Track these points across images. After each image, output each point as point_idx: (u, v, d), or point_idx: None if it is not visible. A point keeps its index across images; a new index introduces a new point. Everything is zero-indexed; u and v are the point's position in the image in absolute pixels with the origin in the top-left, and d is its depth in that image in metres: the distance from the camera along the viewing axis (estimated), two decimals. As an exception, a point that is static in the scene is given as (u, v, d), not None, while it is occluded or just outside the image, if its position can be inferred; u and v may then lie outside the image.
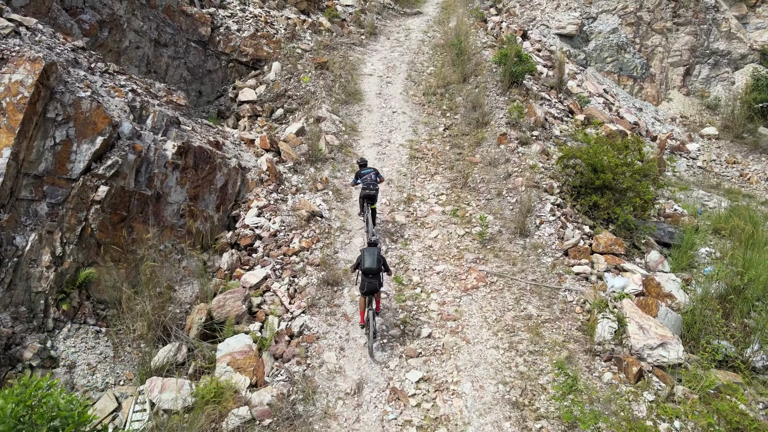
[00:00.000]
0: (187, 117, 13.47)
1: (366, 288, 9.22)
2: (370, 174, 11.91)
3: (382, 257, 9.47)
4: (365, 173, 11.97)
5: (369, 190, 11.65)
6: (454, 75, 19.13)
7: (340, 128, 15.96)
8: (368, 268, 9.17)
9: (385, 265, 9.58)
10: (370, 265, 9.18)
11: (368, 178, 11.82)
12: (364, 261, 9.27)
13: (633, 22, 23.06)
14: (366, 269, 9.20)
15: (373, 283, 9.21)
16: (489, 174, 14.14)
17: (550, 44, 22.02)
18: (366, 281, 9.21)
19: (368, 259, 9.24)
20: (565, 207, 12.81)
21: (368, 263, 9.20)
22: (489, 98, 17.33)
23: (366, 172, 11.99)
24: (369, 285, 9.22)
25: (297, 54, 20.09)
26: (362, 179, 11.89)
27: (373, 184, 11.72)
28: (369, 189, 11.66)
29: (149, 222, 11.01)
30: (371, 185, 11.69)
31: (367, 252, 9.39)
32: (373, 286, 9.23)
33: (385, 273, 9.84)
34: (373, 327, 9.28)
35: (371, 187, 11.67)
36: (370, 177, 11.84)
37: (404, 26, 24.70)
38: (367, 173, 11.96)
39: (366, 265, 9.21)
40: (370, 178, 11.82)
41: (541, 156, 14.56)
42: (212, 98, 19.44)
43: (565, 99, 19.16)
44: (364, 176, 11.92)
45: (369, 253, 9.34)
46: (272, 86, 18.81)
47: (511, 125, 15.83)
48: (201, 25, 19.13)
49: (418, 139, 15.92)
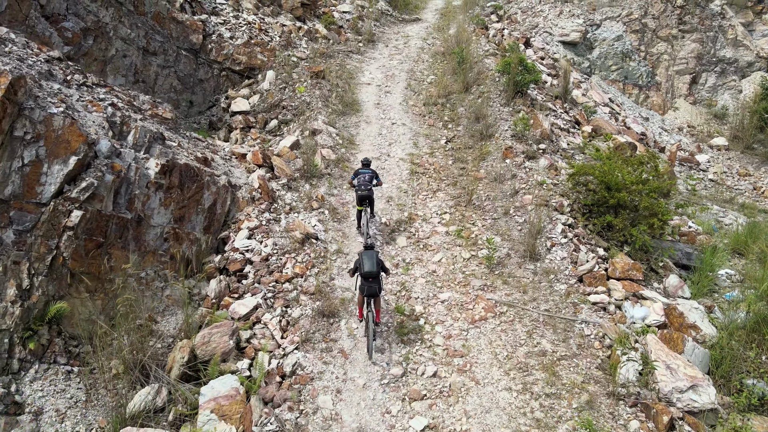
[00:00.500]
0: (173, 131, 12.50)
1: (366, 291, 8.99)
2: (365, 175, 11.59)
3: (380, 260, 9.23)
4: (362, 173, 11.65)
5: (361, 191, 11.34)
6: (455, 84, 18.22)
7: (337, 141, 15.01)
8: (368, 272, 8.91)
9: (384, 267, 9.38)
10: (369, 268, 8.91)
11: (362, 178, 11.52)
12: (363, 265, 8.98)
13: (638, 29, 22.22)
14: (366, 273, 8.93)
15: (373, 287, 8.96)
16: (495, 191, 13.20)
17: (553, 52, 21.15)
18: (366, 285, 8.98)
19: (367, 263, 8.96)
20: (576, 227, 11.87)
21: (368, 267, 8.93)
22: (492, 109, 16.41)
23: (363, 172, 11.66)
24: (369, 289, 8.96)
25: (292, 62, 19.15)
26: (357, 179, 11.58)
27: (365, 185, 11.39)
28: (361, 189, 11.35)
29: (129, 248, 10.02)
30: (363, 186, 11.37)
31: (365, 255, 9.09)
32: (373, 289, 8.98)
33: (384, 274, 9.61)
34: (372, 330, 8.99)
35: (363, 187, 11.35)
36: (364, 178, 11.53)
37: (403, 33, 23.79)
38: (363, 173, 11.63)
39: (365, 269, 8.93)
40: (364, 178, 11.51)
41: (549, 171, 13.64)
42: (204, 108, 18.49)
43: (570, 109, 18.27)
44: (359, 176, 11.61)
45: (368, 256, 9.06)
46: (266, 96, 17.86)
47: (516, 138, 14.90)
48: (192, 33, 18.19)
49: (419, 153, 14.98)
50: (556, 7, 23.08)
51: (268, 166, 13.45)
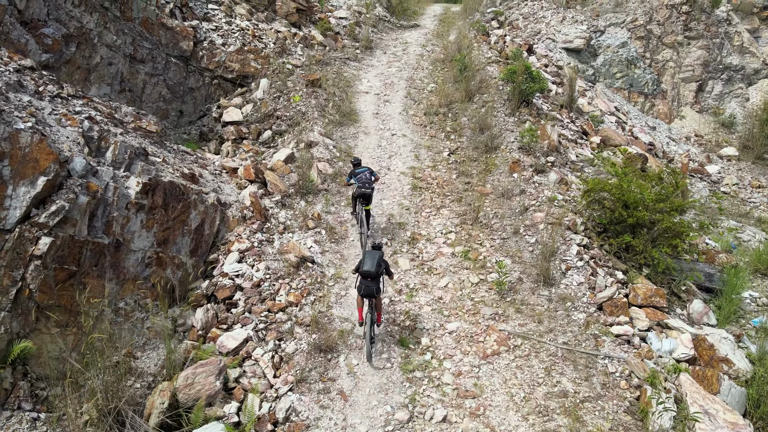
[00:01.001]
0: (158, 145, 11.50)
1: (363, 291, 8.68)
2: (365, 173, 11.20)
3: (384, 261, 8.92)
4: (360, 172, 11.25)
5: (365, 189, 10.91)
6: (457, 93, 17.31)
7: (334, 154, 14.04)
8: (366, 270, 8.64)
9: (387, 269, 9.06)
10: (368, 268, 8.64)
11: (363, 176, 11.11)
12: (364, 263, 8.73)
13: (643, 36, 21.39)
14: (364, 272, 8.66)
15: (370, 287, 8.63)
16: (502, 207, 12.25)
17: (557, 59, 20.29)
18: (363, 284, 8.67)
19: (368, 262, 8.70)
20: (592, 248, 10.94)
21: (367, 266, 8.66)
22: (497, 119, 15.50)
23: (360, 171, 11.27)
24: (366, 288, 8.64)
25: (287, 70, 18.19)
26: (356, 178, 11.15)
27: (368, 182, 11.02)
28: (365, 187, 10.92)
29: (106, 276, 9.01)
30: (366, 184, 10.97)
31: (368, 255, 8.84)
32: (370, 290, 8.64)
33: (387, 277, 9.29)
34: (371, 333, 8.71)
35: (367, 185, 10.95)
36: (365, 176, 11.13)
37: (401, 40, 22.89)
38: (361, 172, 11.24)
39: (364, 268, 8.66)
40: (365, 176, 11.11)
41: (560, 186, 12.71)
42: (194, 118, 17.49)
43: (576, 118, 17.38)
44: (358, 175, 11.18)
45: (370, 256, 8.81)
46: (260, 105, 16.89)
47: (523, 150, 13.98)
48: (182, 39, 17.22)
49: (421, 166, 14.03)
50: (558, 13, 22.23)
51: (260, 181, 12.47)
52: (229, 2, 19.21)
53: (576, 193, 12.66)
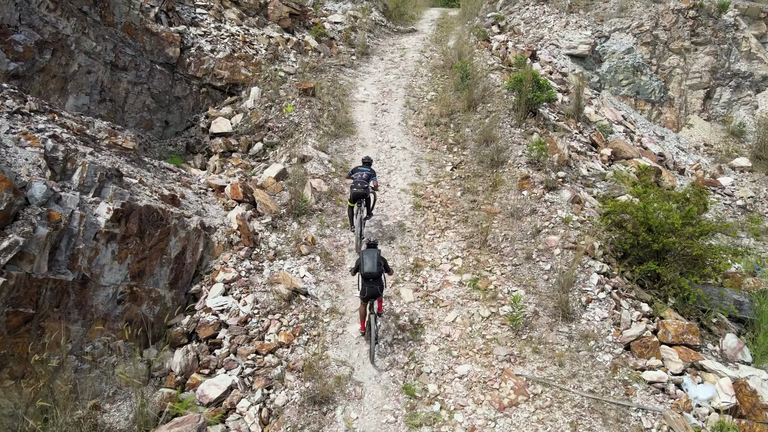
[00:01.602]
0: (136, 163, 10.33)
1: (367, 293, 8.30)
2: (363, 173, 10.65)
3: (382, 258, 8.58)
4: (360, 170, 10.72)
5: (357, 188, 10.43)
6: (458, 102, 16.20)
7: (329, 170, 12.89)
8: (368, 272, 8.27)
9: (386, 266, 8.69)
10: (370, 269, 8.28)
11: (359, 176, 10.58)
12: (364, 264, 8.34)
13: (649, 42, 20.39)
14: (366, 273, 8.28)
15: (375, 288, 8.31)
16: (513, 229, 11.15)
17: (561, 66, 19.25)
18: (367, 286, 8.31)
19: (368, 263, 8.32)
20: (613, 275, 9.85)
21: (368, 267, 8.29)
22: (502, 130, 14.40)
23: (361, 170, 10.74)
24: (370, 290, 8.29)
25: (279, 77, 17.04)
26: (354, 176, 10.70)
27: (361, 182, 10.47)
28: (356, 187, 10.43)
29: (70, 317, 7.83)
30: (359, 183, 10.46)
31: (366, 254, 8.43)
32: (375, 290, 8.32)
33: (387, 274, 8.88)
34: (375, 331, 8.32)
35: (358, 185, 10.44)
36: (361, 175, 10.59)
37: (399, 45, 21.78)
38: (361, 171, 10.71)
39: (366, 269, 8.29)
40: (361, 176, 10.58)
41: (573, 206, 11.63)
42: (181, 128, 16.30)
43: (584, 128, 16.32)
44: (356, 173, 10.71)
45: (369, 255, 8.40)
46: (250, 115, 15.73)
47: (532, 165, 12.89)
48: (168, 45, 16.03)
49: (423, 183, 12.90)
50: (561, 17, 21.20)
51: (249, 201, 11.31)
52: (218, 6, 18.04)
53: (591, 213, 11.58)
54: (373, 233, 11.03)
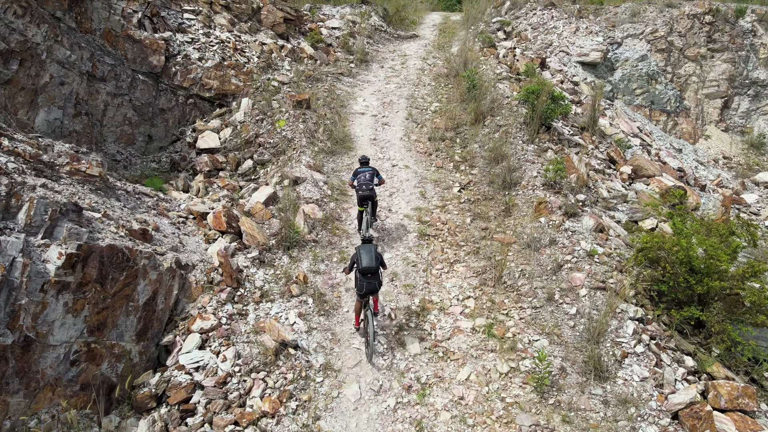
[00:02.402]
0: (102, 192, 8.89)
1: (365, 289, 7.90)
2: (365, 173, 10.13)
3: (378, 253, 8.08)
4: (362, 172, 10.18)
5: (362, 191, 9.96)
6: (465, 114, 14.80)
7: (325, 193, 11.47)
8: (367, 267, 7.84)
9: (382, 261, 8.19)
10: (368, 264, 7.85)
11: (363, 177, 10.08)
12: (362, 260, 7.90)
13: (663, 48, 19.01)
14: (365, 269, 7.85)
15: (373, 283, 7.91)
16: (530, 262, 9.74)
17: (572, 74, 17.86)
18: (365, 282, 7.89)
19: (366, 258, 7.89)
20: (648, 320, 8.45)
21: (366, 262, 7.86)
22: (514, 147, 13.00)
23: (363, 171, 10.21)
24: (368, 285, 7.88)
25: (272, 88, 15.62)
26: (357, 179, 10.14)
27: (366, 184, 10.01)
28: (362, 190, 9.97)
29: (9, 388, 6.41)
30: (364, 185, 9.99)
31: (363, 250, 7.99)
32: (373, 286, 7.91)
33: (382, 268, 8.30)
34: (372, 331, 7.86)
35: (364, 187, 9.97)
36: (365, 176, 10.09)
37: (399, 52, 20.37)
38: (363, 172, 10.18)
39: (364, 264, 7.86)
40: (365, 177, 10.08)
41: (597, 235, 10.22)
42: (166, 143, 14.88)
43: (600, 142, 14.91)
44: (359, 175, 10.14)
45: (366, 250, 7.96)
46: (240, 129, 14.31)
47: (548, 187, 11.48)
48: (152, 54, 14.61)
49: (428, 207, 11.49)
50: (570, 23, 19.79)
51: (234, 232, 9.88)
52: (207, 11, 16.62)
53: (617, 243, 10.18)
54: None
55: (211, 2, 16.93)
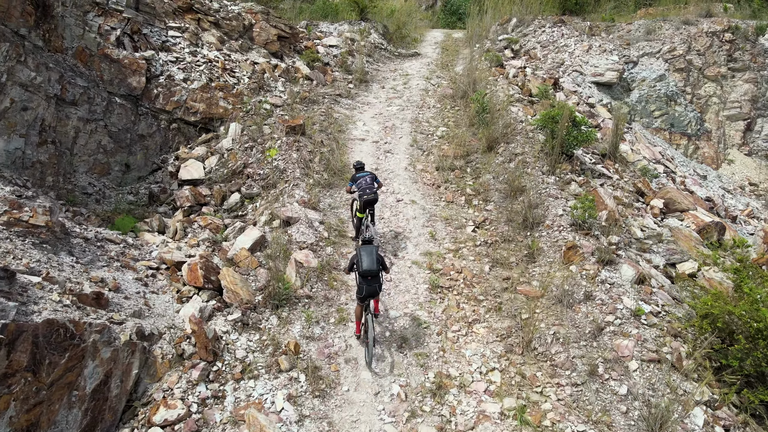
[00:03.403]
0: (50, 246, 7.21)
1: (365, 292, 7.34)
2: (366, 178, 9.56)
3: (380, 255, 7.56)
4: (361, 176, 9.59)
5: (367, 195, 9.32)
6: (475, 140, 13.23)
7: (321, 235, 9.82)
8: (367, 269, 7.27)
9: (383, 263, 7.66)
10: (369, 266, 7.28)
11: (364, 181, 9.50)
12: (362, 261, 7.32)
13: (683, 68, 17.58)
14: (365, 271, 7.29)
15: (374, 287, 7.35)
16: (564, 323, 8.07)
17: (587, 95, 16.38)
18: (365, 284, 7.33)
19: (367, 260, 7.33)
20: (718, 406, 6.77)
21: (367, 264, 7.28)
22: (532, 178, 11.41)
23: (362, 176, 9.63)
24: (369, 289, 7.33)
25: (264, 111, 14.06)
26: (357, 184, 9.54)
27: (370, 187, 9.43)
28: (366, 194, 9.34)
29: None
30: (368, 189, 9.38)
31: (364, 251, 7.43)
32: (374, 289, 7.36)
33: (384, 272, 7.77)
34: (372, 336, 7.26)
35: (368, 191, 9.36)
36: (366, 181, 9.51)
37: (401, 71, 18.86)
38: (362, 177, 9.60)
39: (365, 267, 7.29)
40: (366, 181, 9.50)
41: (640, 289, 8.58)
42: (145, 172, 13.22)
43: (623, 171, 13.34)
44: (359, 180, 9.54)
45: (366, 252, 7.41)
46: (227, 158, 12.70)
47: (577, 227, 9.86)
48: (132, 74, 13.03)
49: (439, 251, 9.83)
50: (582, 40, 18.36)
51: (212, 287, 8.19)
52: (194, 28, 15.07)
53: (663, 297, 8.54)
54: (377, 331, 7.94)
55: (198, 19, 15.40)
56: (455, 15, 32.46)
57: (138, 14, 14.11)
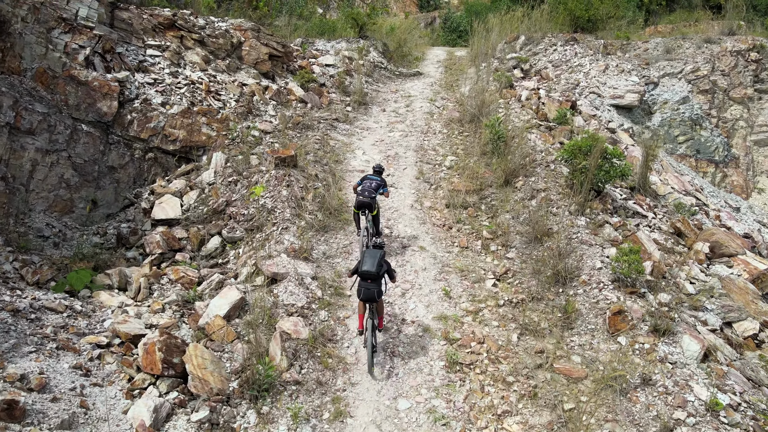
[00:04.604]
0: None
1: (362, 294, 6.82)
2: (372, 182, 8.90)
3: (386, 261, 7.02)
4: (370, 178, 8.99)
5: (363, 197, 8.70)
6: (489, 172, 11.51)
7: (314, 294, 8.00)
8: (366, 271, 6.76)
9: (389, 271, 7.12)
10: (368, 267, 6.76)
11: (368, 184, 8.85)
12: (363, 263, 6.84)
13: (707, 89, 16.01)
14: (363, 272, 6.78)
15: (371, 290, 6.79)
16: (619, 417, 6.25)
17: (607, 119, 14.76)
18: (363, 286, 6.83)
19: (368, 261, 6.82)
20: None
21: (367, 265, 6.78)
22: (558, 219, 9.66)
23: (371, 178, 8.99)
24: (366, 292, 6.79)
25: (252, 138, 12.34)
26: (362, 184, 8.92)
27: (369, 190, 8.76)
28: (363, 195, 8.71)
29: None
30: (366, 191, 8.73)
31: (368, 254, 6.95)
32: (371, 293, 6.79)
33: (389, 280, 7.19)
34: (372, 342, 6.80)
35: (366, 193, 8.72)
36: (369, 184, 8.85)
37: (403, 92, 17.19)
38: (371, 179, 8.95)
39: (364, 268, 6.78)
40: (370, 185, 8.84)
41: (709, 369, 6.79)
42: (116, 209, 11.44)
43: (655, 206, 11.60)
44: (365, 181, 8.93)
45: (370, 254, 6.91)
46: (208, 194, 10.94)
47: (620, 283, 8.09)
48: (102, 98, 11.33)
49: (456, 314, 8.02)
50: (597, 60, 16.77)
51: (175, 373, 6.35)
52: (177, 47, 13.36)
53: (735, 377, 6.75)
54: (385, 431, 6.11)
55: (181, 36, 13.70)
56: (455, 32, 31.00)
57: (112, 31, 12.42)
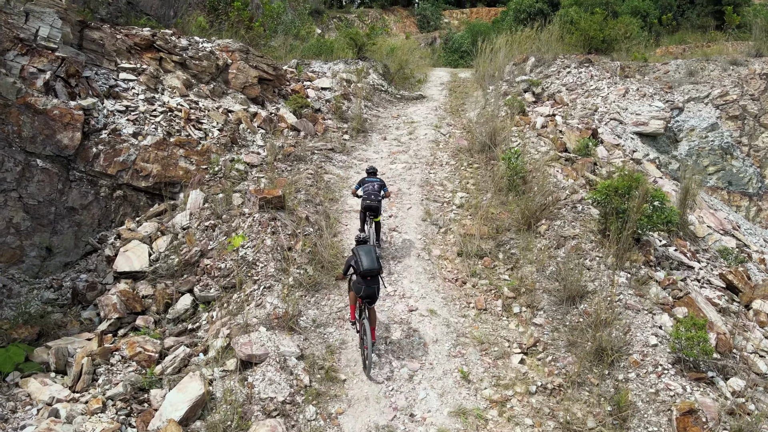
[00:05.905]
0: None
1: (364, 293, 6.43)
2: (373, 184, 8.76)
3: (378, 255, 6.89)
4: (369, 181, 8.81)
5: (370, 201, 8.54)
6: (506, 212, 9.84)
7: (299, 382, 6.24)
8: (368, 269, 6.36)
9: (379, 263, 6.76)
10: (370, 265, 6.37)
11: (370, 187, 8.69)
12: (362, 261, 6.42)
13: (737, 115, 14.48)
14: (366, 271, 6.36)
15: (373, 288, 6.49)
16: None
17: (631, 148, 13.18)
18: (364, 285, 6.44)
19: (367, 259, 6.42)
20: None
21: (368, 263, 6.38)
22: (593, 274, 7.97)
23: (370, 181, 8.84)
24: (367, 290, 6.42)
25: (236, 173, 10.71)
26: (364, 188, 8.76)
27: (375, 194, 8.62)
28: (370, 199, 8.55)
29: None
30: (372, 195, 8.58)
31: (362, 250, 6.58)
32: (372, 290, 6.47)
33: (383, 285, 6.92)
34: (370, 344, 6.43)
35: (372, 197, 8.56)
36: (372, 187, 8.70)
37: (405, 117, 15.61)
38: (370, 182, 8.81)
39: (366, 266, 6.36)
40: (372, 187, 8.69)
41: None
42: (75, 257, 9.76)
43: (696, 251, 9.92)
44: (366, 185, 8.78)
45: (365, 251, 6.55)
46: (182, 240, 9.24)
47: (684, 367, 6.36)
48: (63, 128, 9.74)
49: (478, 408, 6.25)
50: (615, 83, 15.24)
51: None
52: (154, 70, 11.78)
53: None
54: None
55: (160, 58, 12.13)
56: (457, 53, 29.75)
57: (80, 53, 10.85)
